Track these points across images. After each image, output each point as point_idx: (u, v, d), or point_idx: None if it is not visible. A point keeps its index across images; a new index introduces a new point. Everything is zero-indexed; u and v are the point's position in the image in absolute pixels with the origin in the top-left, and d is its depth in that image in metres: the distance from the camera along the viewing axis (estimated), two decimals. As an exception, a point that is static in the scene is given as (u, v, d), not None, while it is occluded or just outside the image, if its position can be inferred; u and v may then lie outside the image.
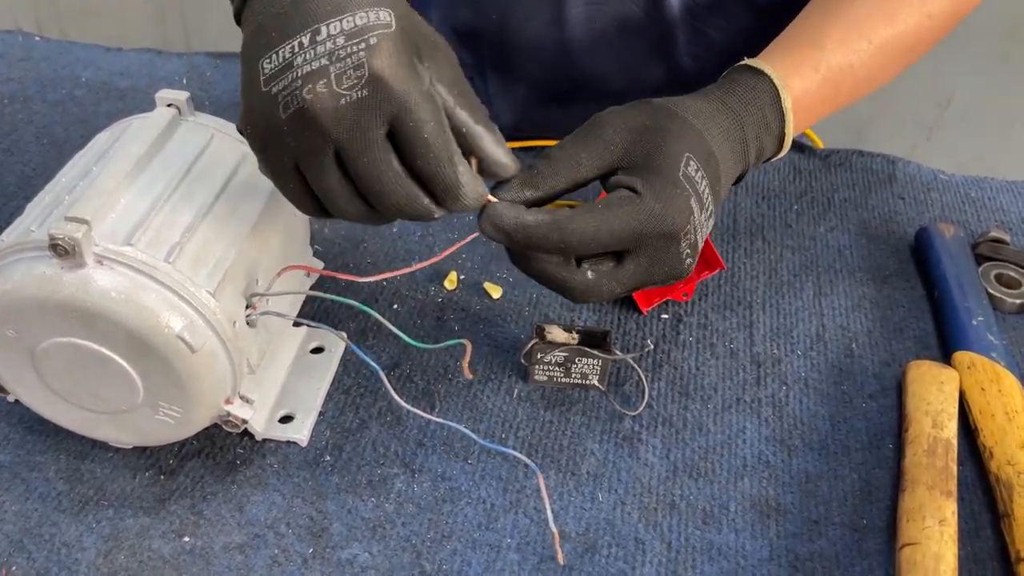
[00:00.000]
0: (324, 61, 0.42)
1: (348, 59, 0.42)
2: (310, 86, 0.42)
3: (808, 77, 0.57)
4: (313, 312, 0.64)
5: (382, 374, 0.50)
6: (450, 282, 0.68)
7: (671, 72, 0.75)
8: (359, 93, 0.43)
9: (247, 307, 0.51)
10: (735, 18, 0.72)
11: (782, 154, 0.58)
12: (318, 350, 0.61)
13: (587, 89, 0.76)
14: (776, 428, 0.59)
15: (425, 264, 0.52)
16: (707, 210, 0.50)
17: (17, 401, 0.53)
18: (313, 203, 0.47)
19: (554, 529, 0.45)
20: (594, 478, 0.55)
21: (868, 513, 0.54)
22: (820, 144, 0.85)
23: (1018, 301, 0.68)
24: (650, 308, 0.66)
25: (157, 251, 0.47)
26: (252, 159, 0.49)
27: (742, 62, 0.57)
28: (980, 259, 0.71)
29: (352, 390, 0.60)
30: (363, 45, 0.43)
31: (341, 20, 0.43)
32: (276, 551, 0.51)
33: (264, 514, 0.53)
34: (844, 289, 0.70)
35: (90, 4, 1.69)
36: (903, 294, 0.69)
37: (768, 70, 0.55)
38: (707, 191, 0.50)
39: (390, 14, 0.44)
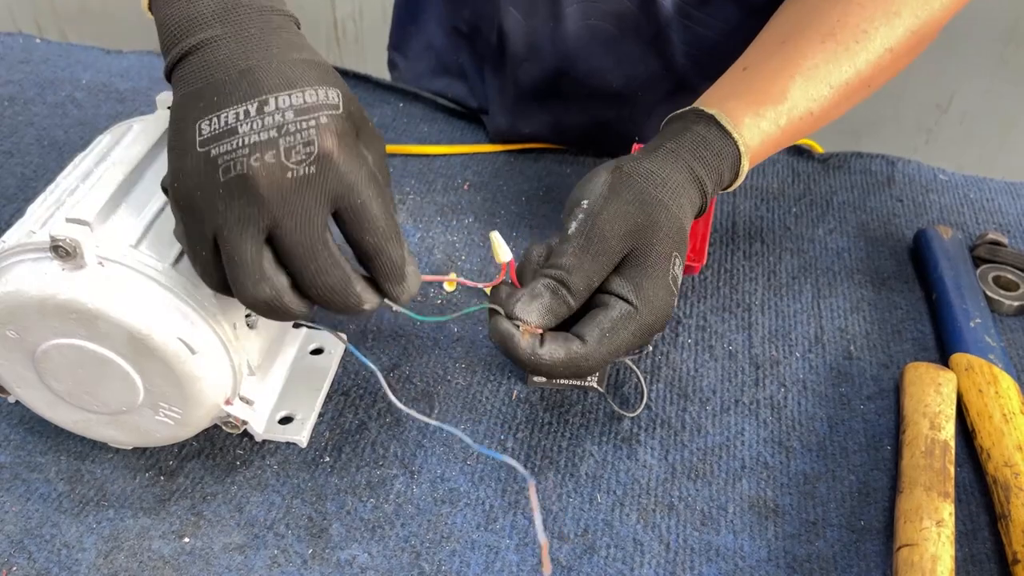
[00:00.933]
0: (273, 133, 0.42)
1: (298, 135, 0.42)
2: (258, 155, 0.42)
3: (768, 131, 0.58)
4: (313, 313, 0.64)
5: (380, 376, 0.50)
6: (449, 284, 0.68)
7: (666, 69, 0.75)
8: (307, 169, 0.42)
9: (247, 308, 0.51)
10: (725, 15, 0.73)
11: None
12: (318, 351, 0.61)
13: (584, 87, 0.76)
14: (774, 430, 0.59)
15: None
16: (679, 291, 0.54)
17: (18, 402, 0.53)
18: (219, 276, 0.45)
19: (542, 540, 0.45)
20: (593, 479, 0.56)
21: (866, 514, 0.54)
22: (820, 150, 0.85)
23: (1016, 303, 0.68)
24: None
25: (158, 253, 0.47)
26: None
27: (712, 112, 0.57)
28: (978, 261, 0.71)
29: (351, 391, 0.60)
30: (313, 123, 0.42)
31: (290, 95, 0.43)
32: (276, 551, 0.51)
33: (264, 515, 0.53)
34: (843, 291, 0.70)
35: (90, 6, 1.70)
36: (901, 296, 0.70)
37: (736, 135, 0.56)
38: (679, 276, 0.53)
39: (338, 95, 0.44)
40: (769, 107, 0.58)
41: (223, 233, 0.43)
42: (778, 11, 0.64)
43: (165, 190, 0.45)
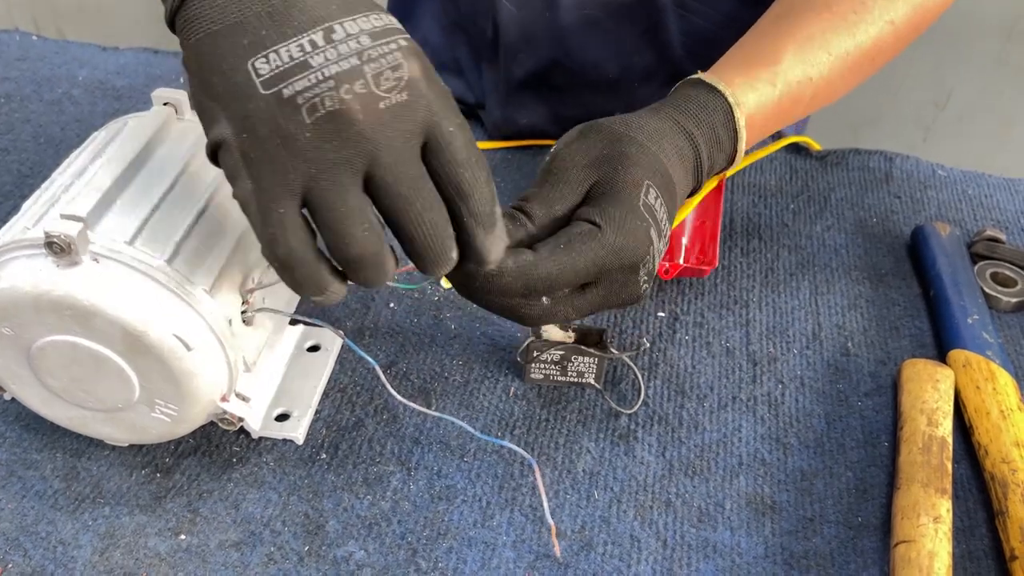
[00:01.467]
0: (354, 61, 0.37)
1: (382, 60, 0.38)
2: (347, 86, 0.37)
3: (764, 92, 0.56)
4: (310, 311, 0.64)
5: (378, 368, 0.50)
6: (447, 281, 0.68)
7: (662, 60, 0.75)
8: (398, 97, 0.38)
9: (243, 303, 0.51)
10: (722, 5, 0.73)
11: (731, 170, 0.58)
12: (314, 348, 0.61)
13: (580, 78, 0.76)
14: (772, 426, 0.59)
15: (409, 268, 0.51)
16: (664, 236, 0.50)
17: (13, 399, 0.53)
18: (300, 236, 0.39)
19: (551, 522, 0.45)
20: (590, 476, 0.55)
21: (863, 511, 0.54)
22: (817, 147, 0.85)
23: (1013, 299, 0.68)
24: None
25: (153, 249, 0.47)
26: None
27: (696, 75, 0.57)
28: (976, 258, 0.71)
29: (348, 388, 0.60)
30: (395, 47, 0.38)
31: (356, 19, 0.39)
32: (272, 549, 0.51)
33: (260, 512, 0.53)
34: (840, 288, 0.70)
35: (87, 3, 1.69)
36: (899, 293, 0.70)
37: (723, 87, 0.55)
38: (665, 217, 0.50)
39: (395, 20, 0.41)
40: (762, 69, 0.57)
41: (319, 183, 0.38)
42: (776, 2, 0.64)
43: (215, 153, 0.40)
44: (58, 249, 0.44)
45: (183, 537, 0.51)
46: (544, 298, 0.47)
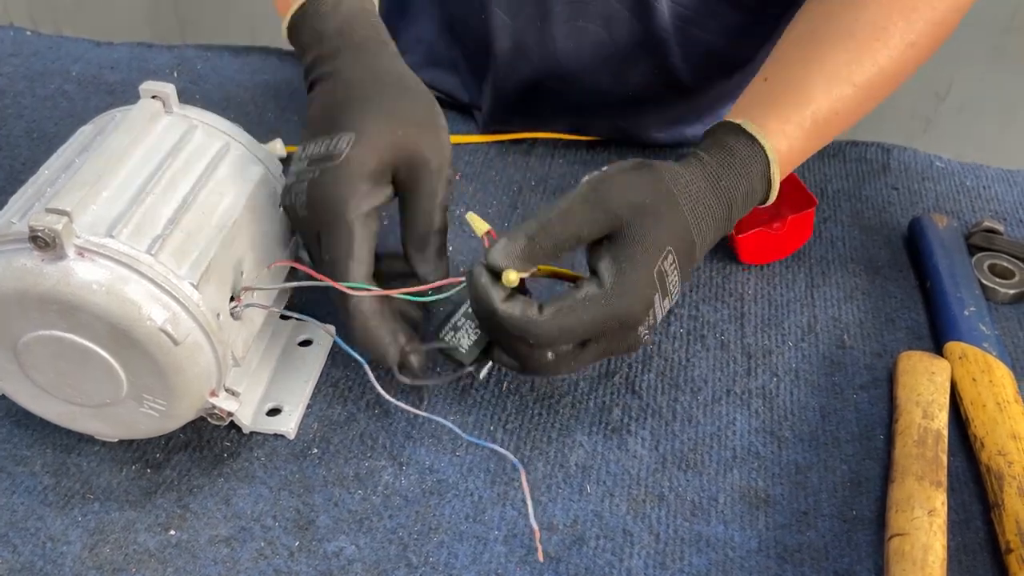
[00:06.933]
0: (292, 179, 0.54)
1: (303, 184, 0.53)
2: (287, 200, 0.55)
3: (794, 135, 0.57)
4: (301, 305, 0.64)
5: (367, 367, 0.50)
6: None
7: (660, 70, 0.74)
8: (303, 212, 0.53)
9: (231, 299, 0.51)
10: (726, 21, 0.72)
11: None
12: (306, 343, 0.61)
13: (573, 88, 0.76)
14: (766, 419, 0.59)
15: (411, 290, 0.53)
16: (670, 295, 0.53)
17: (3, 395, 0.53)
18: None
19: (535, 526, 0.45)
20: (582, 470, 0.55)
21: (858, 504, 0.54)
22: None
23: (1011, 291, 0.67)
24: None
25: (139, 243, 0.47)
26: (235, 152, 0.51)
27: (739, 122, 0.57)
28: (973, 249, 0.70)
29: (340, 383, 0.59)
30: (312, 174, 0.53)
31: (317, 143, 0.53)
32: (262, 544, 0.51)
33: (251, 507, 0.52)
34: (836, 280, 0.69)
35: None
36: (895, 285, 0.69)
37: (762, 139, 0.56)
38: (675, 282, 0.52)
39: (348, 141, 0.53)
40: (793, 110, 0.57)
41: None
42: (793, 21, 0.63)
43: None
44: (43, 243, 0.44)
45: (173, 533, 0.51)
46: (549, 353, 0.51)
